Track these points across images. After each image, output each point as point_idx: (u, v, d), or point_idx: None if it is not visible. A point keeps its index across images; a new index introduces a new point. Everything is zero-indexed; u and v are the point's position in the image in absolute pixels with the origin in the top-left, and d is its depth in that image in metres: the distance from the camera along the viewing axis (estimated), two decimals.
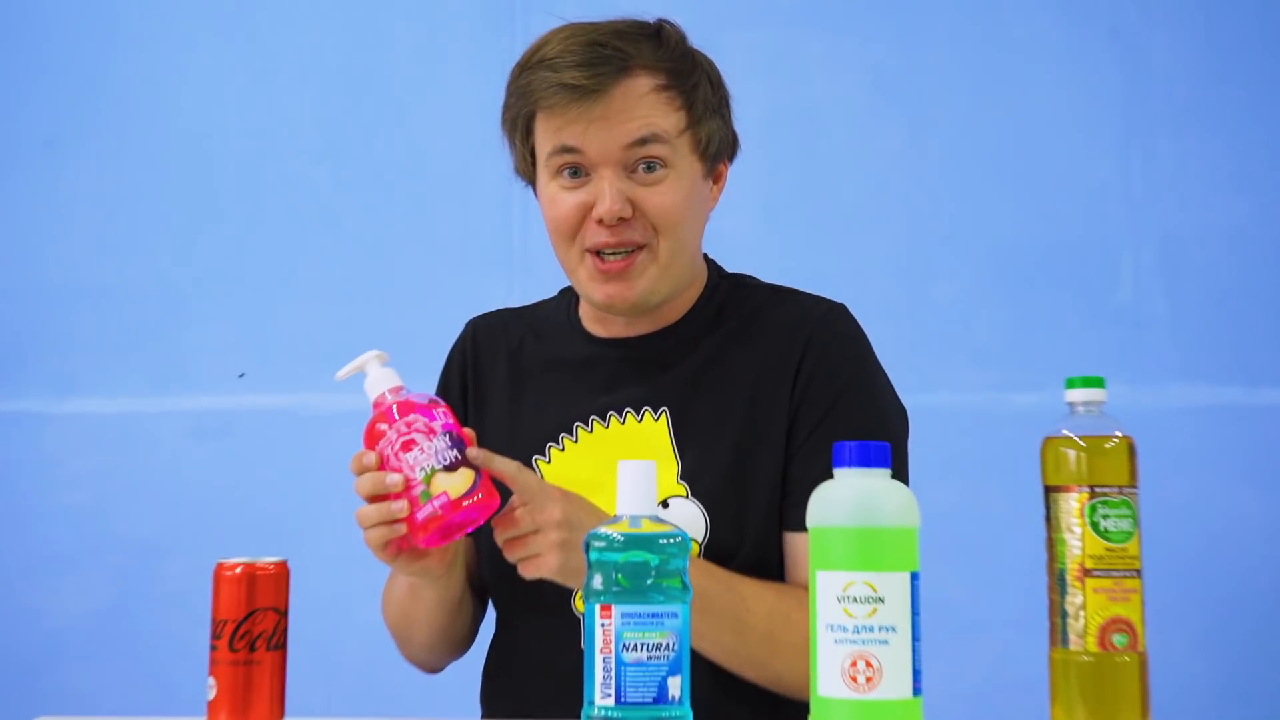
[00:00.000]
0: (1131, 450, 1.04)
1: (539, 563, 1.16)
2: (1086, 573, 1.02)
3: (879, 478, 1.02)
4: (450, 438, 1.10)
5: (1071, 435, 1.04)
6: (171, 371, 2.46)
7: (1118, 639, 1.01)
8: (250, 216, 2.52)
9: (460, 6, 2.55)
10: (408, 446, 1.09)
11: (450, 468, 1.09)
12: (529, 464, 1.34)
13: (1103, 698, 1.01)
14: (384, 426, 1.10)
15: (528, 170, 1.36)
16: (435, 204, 2.50)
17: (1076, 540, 1.02)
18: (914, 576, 1.02)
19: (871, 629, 1.00)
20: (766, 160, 2.39)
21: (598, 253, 1.29)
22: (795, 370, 1.32)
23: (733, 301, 1.39)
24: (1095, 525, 1.02)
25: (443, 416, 1.11)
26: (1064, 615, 1.02)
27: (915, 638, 1.01)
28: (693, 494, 1.31)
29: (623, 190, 1.27)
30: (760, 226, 2.38)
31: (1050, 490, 1.04)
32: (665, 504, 1.31)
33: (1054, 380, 2.22)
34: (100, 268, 2.50)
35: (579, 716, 1.06)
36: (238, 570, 1.05)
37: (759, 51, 2.49)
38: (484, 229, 2.47)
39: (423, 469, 1.08)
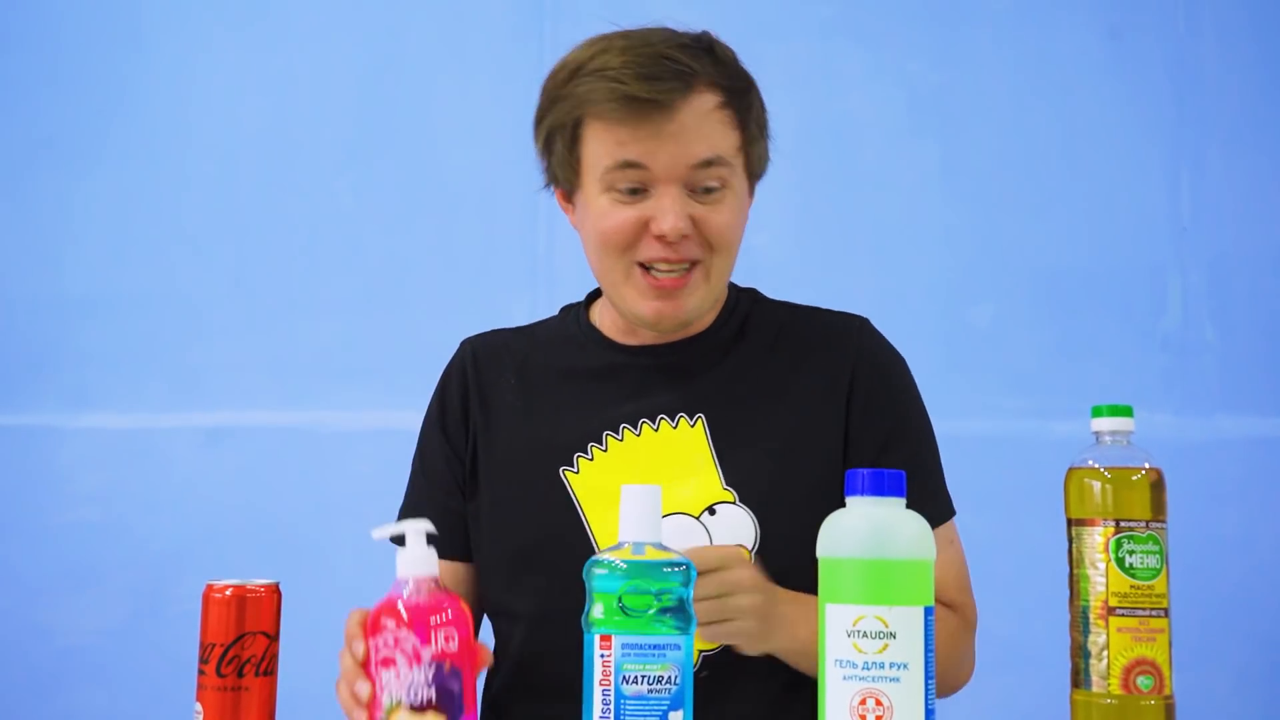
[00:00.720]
0: (1160, 483, 1.01)
1: (734, 628, 1.13)
2: (1110, 611, 1.00)
3: (893, 507, 1.00)
4: (437, 670, 1.01)
5: (1097, 466, 1.02)
6: (187, 386, 2.46)
7: (1142, 681, 0.99)
8: (269, 229, 2.52)
9: (486, 15, 2.55)
10: (386, 663, 1.00)
11: (419, 708, 0.99)
12: (556, 476, 1.33)
13: None
14: (385, 624, 1.01)
15: (569, 176, 1.33)
16: (458, 217, 2.50)
17: (1100, 576, 1.00)
18: (928, 611, 0.99)
19: (882, 665, 0.98)
20: (800, 176, 2.38)
21: (647, 268, 1.29)
22: (848, 386, 1.34)
23: (756, 314, 1.41)
24: (1120, 561, 1.00)
25: (441, 642, 1.01)
26: (1086, 655, 1.00)
27: (929, 675, 0.98)
28: (741, 500, 1.29)
29: (685, 209, 1.27)
30: (793, 243, 2.38)
31: (1074, 523, 1.02)
32: (712, 510, 1.30)
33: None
34: (115, 281, 2.50)
35: None
36: (227, 592, 1.04)
37: (795, 64, 2.49)
38: (508, 243, 2.47)
39: (391, 697, 0.99)
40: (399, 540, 1.04)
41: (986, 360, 2.35)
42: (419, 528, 1.04)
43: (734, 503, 1.29)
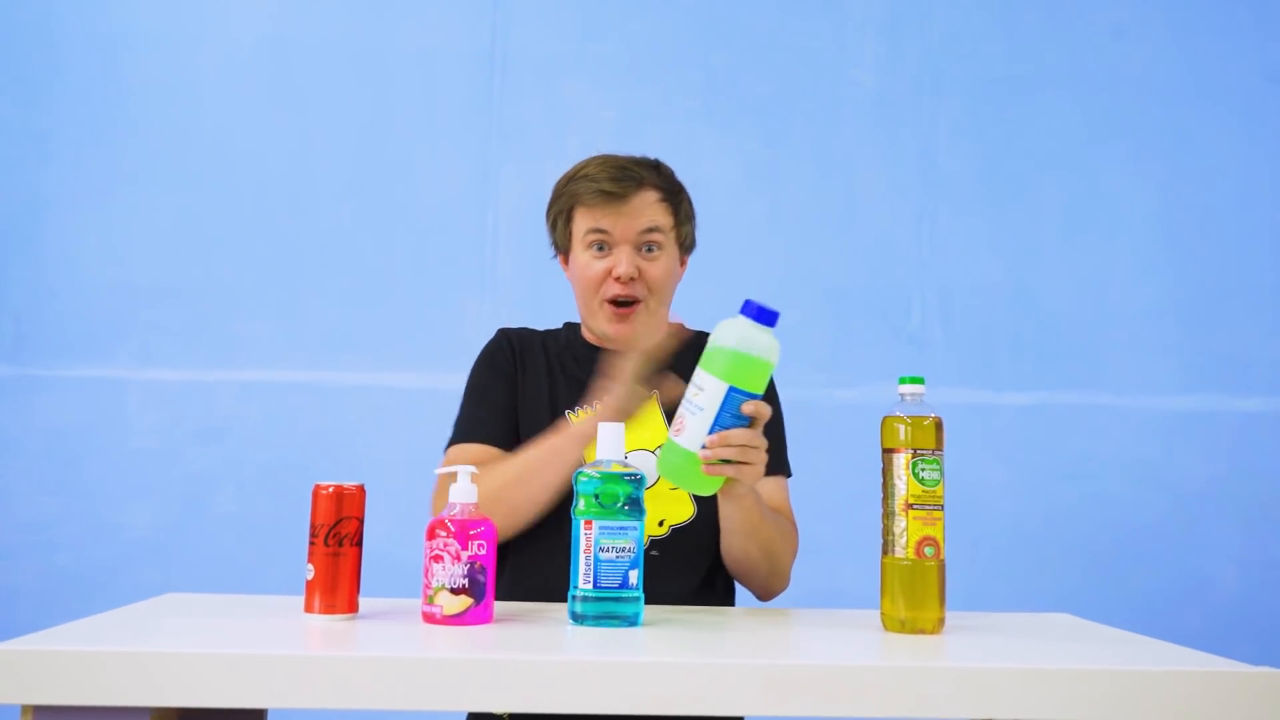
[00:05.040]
0: (939, 426, 1.11)
1: (757, 470, 1.14)
2: (909, 506, 1.08)
3: (760, 331, 1.11)
4: (470, 567, 1.05)
5: (902, 415, 1.10)
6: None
7: (928, 550, 1.08)
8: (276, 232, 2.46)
9: (450, 92, 2.51)
10: (436, 559, 1.05)
11: (455, 591, 1.04)
12: (565, 420, 1.39)
13: (915, 589, 1.08)
14: (439, 532, 1.06)
15: (565, 243, 1.45)
16: (428, 238, 2.48)
17: (903, 485, 1.08)
18: (733, 389, 1.09)
19: (691, 404, 1.10)
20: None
21: (614, 302, 1.40)
22: None
23: (683, 334, 1.45)
24: (916, 475, 1.08)
25: (475, 548, 1.05)
26: (892, 534, 1.09)
27: (715, 425, 1.09)
28: None
29: (634, 261, 1.39)
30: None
31: (886, 451, 1.10)
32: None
33: (866, 380, 2.30)
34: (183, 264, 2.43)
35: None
36: (330, 490, 1.07)
37: (674, 144, 2.49)
38: (465, 256, 2.46)
39: (437, 581, 1.05)
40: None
41: (795, 348, 2.41)
42: (466, 469, 1.10)
43: None
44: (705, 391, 1.10)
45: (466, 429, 1.42)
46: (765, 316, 1.11)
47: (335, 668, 0.86)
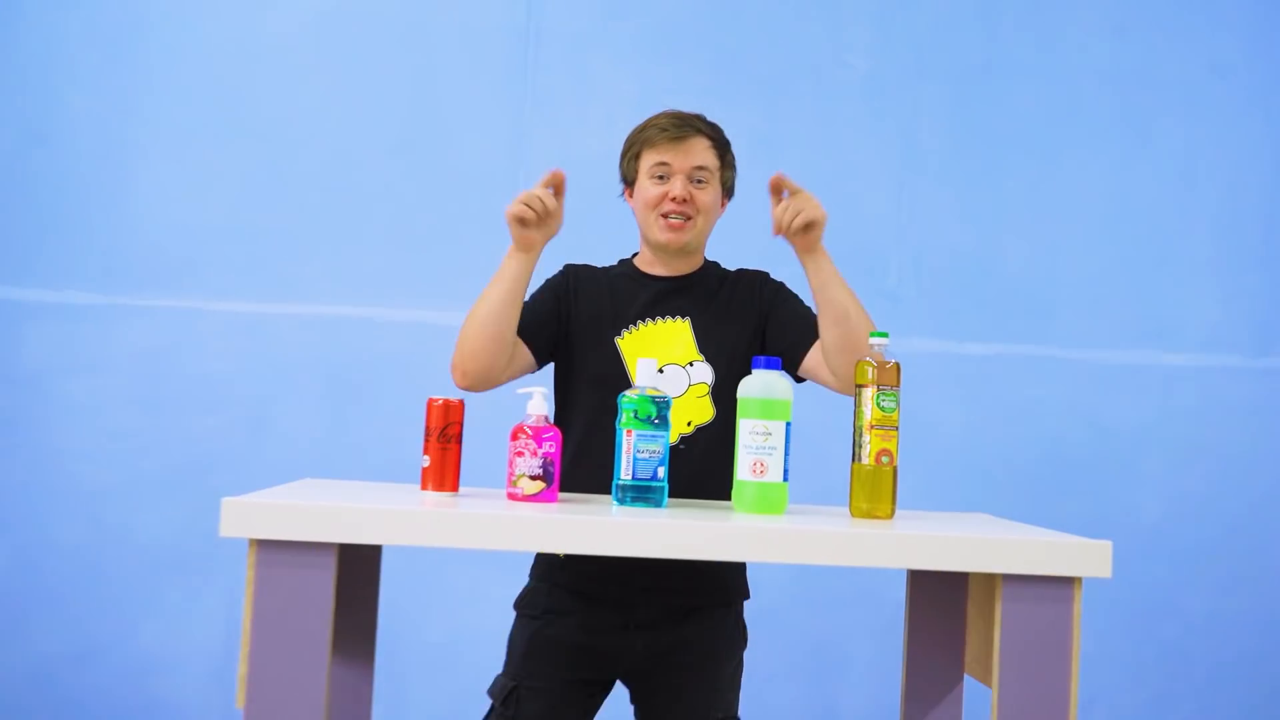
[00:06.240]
0: (898, 369, 1.40)
1: (815, 204, 1.58)
2: (872, 427, 1.37)
3: (776, 375, 1.40)
4: (543, 460, 1.35)
5: (870, 360, 1.40)
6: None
7: (884, 459, 1.38)
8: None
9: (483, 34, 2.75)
10: (519, 454, 1.34)
11: (533, 478, 1.35)
12: (612, 342, 1.69)
13: (874, 487, 1.38)
14: (521, 435, 1.35)
15: (632, 175, 1.73)
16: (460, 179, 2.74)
17: (869, 411, 1.37)
18: (787, 425, 1.39)
19: (765, 448, 1.38)
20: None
21: (667, 216, 1.68)
22: (759, 307, 1.74)
23: (716, 270, 1.79)
24: (878, 404, 1.37)
25: (546, 444, 1.36)
26: (860, 447, 1.39)
27: (785, 454, 1.38)
28: (707, 359, 1.69)
29: (687, 187, 1.69)
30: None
31: (858, 387, 1.40)
32: (691, 364, 1.68)
33: None
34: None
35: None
36: (440, 402, 1.38)
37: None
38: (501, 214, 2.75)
39: (519, 470, 1.35)
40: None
41: None
42: (540, 390, 1.41)
43: (703, 361, 1.70)
44: (773, 435, 1.38)
45: None
46: (774, 363, 1.41)
47: (451, 520, 1.21)
